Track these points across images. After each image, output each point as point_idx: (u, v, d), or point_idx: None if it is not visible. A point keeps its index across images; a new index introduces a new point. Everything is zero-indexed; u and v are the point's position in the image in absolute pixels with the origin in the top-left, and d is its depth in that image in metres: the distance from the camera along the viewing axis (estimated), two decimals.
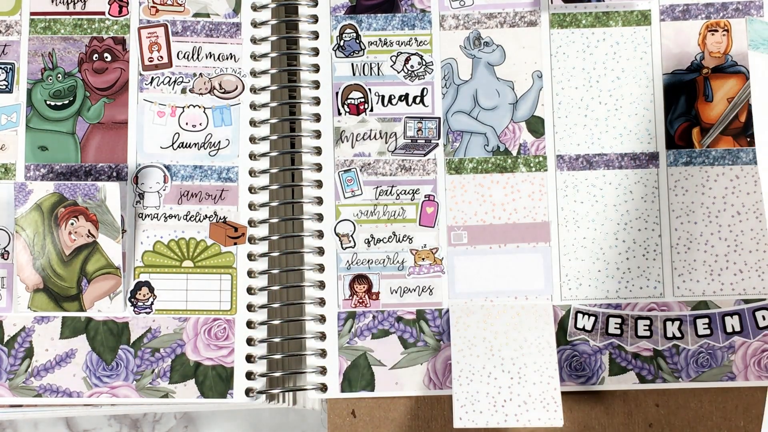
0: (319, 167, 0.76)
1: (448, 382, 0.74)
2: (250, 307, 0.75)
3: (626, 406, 0.75)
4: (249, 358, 0.74)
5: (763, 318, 0.74)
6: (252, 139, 0.76)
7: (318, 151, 0.76)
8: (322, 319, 0.75)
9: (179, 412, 0.78)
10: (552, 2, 0.77)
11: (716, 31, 0.76)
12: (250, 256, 0.75)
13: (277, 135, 0.77)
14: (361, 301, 0.75)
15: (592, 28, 0.76)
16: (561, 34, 0.77)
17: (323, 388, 0.74)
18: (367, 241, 0.75)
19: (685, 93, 0.76)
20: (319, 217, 0.76)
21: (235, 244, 0.76)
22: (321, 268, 0.75)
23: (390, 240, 0.75)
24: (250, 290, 0.75)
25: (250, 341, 0.75)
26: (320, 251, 0.75)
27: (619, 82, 0.76)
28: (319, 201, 0.76)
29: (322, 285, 0.75)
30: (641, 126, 0.76)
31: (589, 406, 0.75)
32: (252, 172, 0.76)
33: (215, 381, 0.74)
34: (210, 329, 0.75)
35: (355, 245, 0.75)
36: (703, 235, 0.75)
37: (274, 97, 0.77)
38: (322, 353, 0.74)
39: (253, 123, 0.77)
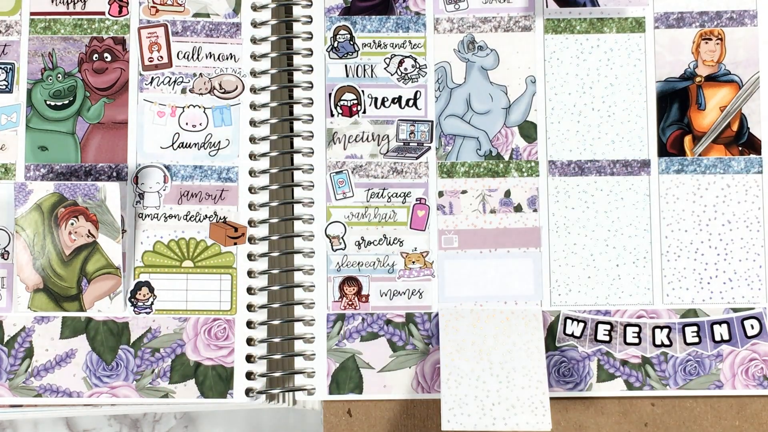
0: (312, 168, 0.76)
1: (436, 385, 0.75)
2: (250, 307, 0.75)
3: (621, 406, 0.75)
4: (249, 358, 0.75)
5: (752, 327, 0.74)
6: (252, 139, 0.77)
7: (312, 152, 0.76)
8: (312, 320, 0.75)
9: (179, 412, 0.78)
10: (546, 7, 0.76)
11: (710, 39, 0.75)
12: (250, 256, 0.76)
13: (276, 135, 0.77)
14: (350, 303, 0.75)
15: (587, 34, 0.76)
16: (555, 39, 0.76)
17: (312, 390, 0.75)
18: (357, 243, 0.76)
19: (677, 101, 0.75)
20: (312, 219, 0.76)
21: (235, 244, 0.76)
22: (312, 270, 0.76)
23: (380, 242, 0.76)
24: (250, 290, 0.76)
25: (250, 341, 0.75)
26: (312, 252, 0.76)
27: (613, 88, 0.75)
28: (312, 202, 0.76)
29: (313, 286, 0.76)
30: (633, 133, 0.75)
31: (584, 406, 0.75)
32: (252, 172, 0.76)
33: (215, 381, 0.75)
34: (210, 329, 0.75)
35: (345, 247, 0.76)
36: (693, 243, 0.75)
37: (274, 97, 0.77)
38: (312, 355, 0.75)
39: (253, 123, 0.77)
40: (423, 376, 0.75)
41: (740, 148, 0.75)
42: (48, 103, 0.77)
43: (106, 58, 0.77)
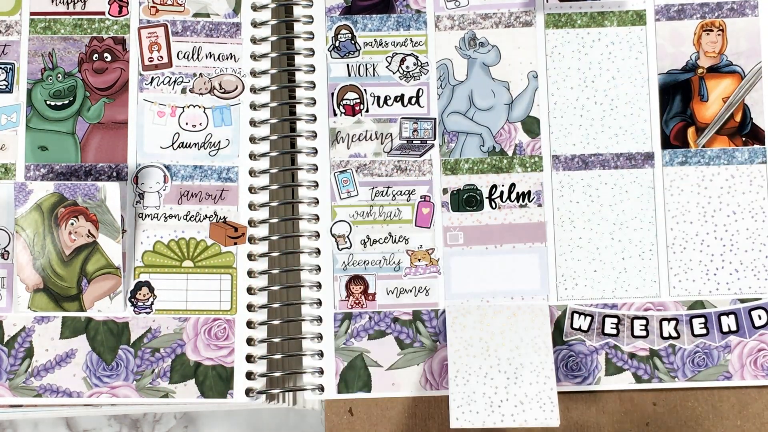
0: (316, 168, 0.76)
1: (444, 382, 0.74)
2: (250, 307, 0.75)
3: (623, 405, 0.75)
4: (249, 358, 0.75)
5: (759, 317, 0.74)
6: (252, 139, 0.76)
7: (315, 151, 0.76)
8: (318, 320, 0.75)
9: (179, 412, 0.78)
10: (547, 2, 0.77)
11: (711, 30, 0.76)
12: (250, 256, 0.76)
13: (277, 135, 0.77)
14: (357, 302, 0.75)
15: (588, 28, 0.76)
16: (556, 34, 0.76)
17: (321, 388, 0.74)
18: (363, 242, 0.75)
19: (680, 93, 0.76)
20: (317, 218, 0.76)
21: (235, 244, 0.76)
22: (318, 269, 0.75)
23: (386, 241, 0.75)
24: (250, 290, 0.75)
25: (250, 341, 0.75)
26: (317, 252, 0.76)
27: (615, 82, 0.76)
28: (316, 202, 0.76)
29: (319, 286, 0.75)
30: (637, 126, 0.76)
31: (586, 405, 0.75)
32: (252, 172, 0.76)
33: (215, 381, 0.74)
34: (210, 329, 0.75)
35: (351, 246, 0.75)
36: (698, 234, 0.75)
37: (274, 97, 0.77)
38: (320, 354, 0.75)
39: (253, 123, 0.77)
40: (431, 373, 0.74)
41: (744, 139, 0.75)
42: (48, 103, 0.77)
43: (106, 58, 0.77)
